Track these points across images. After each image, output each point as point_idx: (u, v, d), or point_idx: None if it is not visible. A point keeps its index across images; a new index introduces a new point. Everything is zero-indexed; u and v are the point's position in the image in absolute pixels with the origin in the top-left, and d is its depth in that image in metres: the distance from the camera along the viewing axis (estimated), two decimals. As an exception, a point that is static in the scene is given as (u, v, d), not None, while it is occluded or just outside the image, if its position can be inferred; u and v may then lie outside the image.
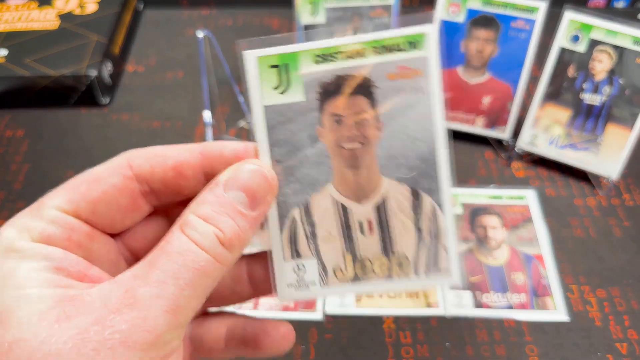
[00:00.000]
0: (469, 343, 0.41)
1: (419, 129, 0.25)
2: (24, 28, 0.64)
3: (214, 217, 0.21)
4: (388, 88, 0.24)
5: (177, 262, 0.20)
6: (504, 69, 0.52)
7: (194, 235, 0.20)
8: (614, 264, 0.47)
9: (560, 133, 0.51)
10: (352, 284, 0.26)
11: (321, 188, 0.25)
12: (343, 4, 0.46)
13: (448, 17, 0.51)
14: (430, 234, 0.25)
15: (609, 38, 0.47)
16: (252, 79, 0.24)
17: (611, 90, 0.48)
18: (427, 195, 0.25)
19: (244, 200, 0.22)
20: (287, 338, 0.26)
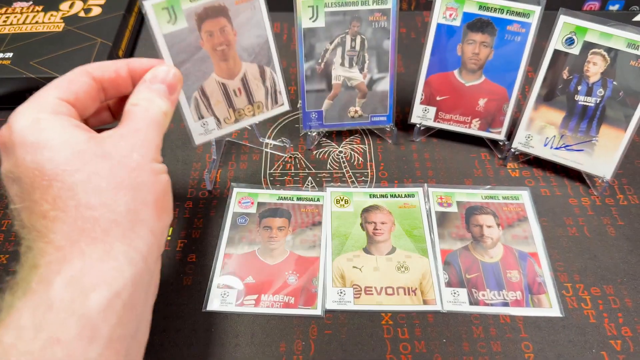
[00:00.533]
0: (465, 339, 0.42)
1: (257, 29, 0.47)
2: (29, 30, 0.65)
3: (151, 98, 0.35)
4: (236, 10, 0.45)
5: (146, 119, 0.34)
6: (500, 72, 0.53)
7: (147, 106, 0.34)
8: (608, 262, 0.47)
9: (555, 134, 0.52)
10: (235, 124, 0.50)
11: (208, 77, 0.46)
12: (343, 8, 0.47)
13: (445, 21, 0.52)
14: (271, 87, 0.50)
15: (603, 41, 0.48)
16: (152, 19, 0.41)
17: (605, 92, 0.49)
18: (266, 67, 0.49)
19: (164, 89, 0.36)
20: None
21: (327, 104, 0.51)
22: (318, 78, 0.50)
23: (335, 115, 0.52)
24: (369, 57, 0.50)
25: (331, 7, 0.46)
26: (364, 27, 0.48)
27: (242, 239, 0.49)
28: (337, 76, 0.50)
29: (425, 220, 0.50)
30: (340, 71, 0.50)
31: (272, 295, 0.45)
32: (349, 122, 0.53)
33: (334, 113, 0.52)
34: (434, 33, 0.53)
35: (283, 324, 0.43)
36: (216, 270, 0.47)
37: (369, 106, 0.52)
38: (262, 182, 0.54)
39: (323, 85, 0.51)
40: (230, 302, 0.44)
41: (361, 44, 0.49)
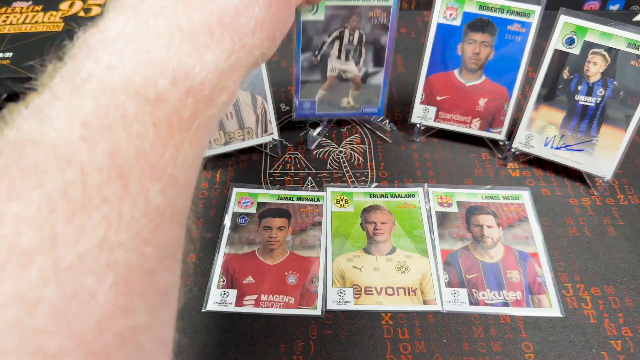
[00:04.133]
0: (465, 339, 0.42)
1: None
2: (28, 30, 0.65)
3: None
4: None
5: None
6: (500, 72, 0.53)
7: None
8: (608, 262, 0.47)
9: (555, 134, 0.52)
10: (223, 146, 0.53)
11: None
12: (343, 2, 0.47)
13: (445, 21, 0.52)
14: (262, 115, 0.54)
15: (604, 40, 0.48)
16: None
17: (605, 92, 0.49)
18: (258, 95, 0.53)
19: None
20: None
21: (321, 94, 0.52)
22: (314, 69, 0.51)
23: (328, 105, 0.53)
24: (366, 51, 0.50)
25: (333, 1, 0.47)
26: (363, 23, 0.49)
27: (242, 239, 0.49)
28: (332, 68, 0.51)
29: (426, 220, 0.50)
30: (336, 63, 0.51)
31: (272, 295, 0.45)
32: (340, 112, 0.54)
33: (327, 103, 0.53)
34: (434, 33, 0.52)
35: (283, 324, 0.43)
36: (216, 270, 0.46)
37: (362, 98, 0.53)
38: (262, 182, 0.54)
39: (318, 76, 0.51)
40: (230, 302, 0.44)
41: (359, 39, 0.50)
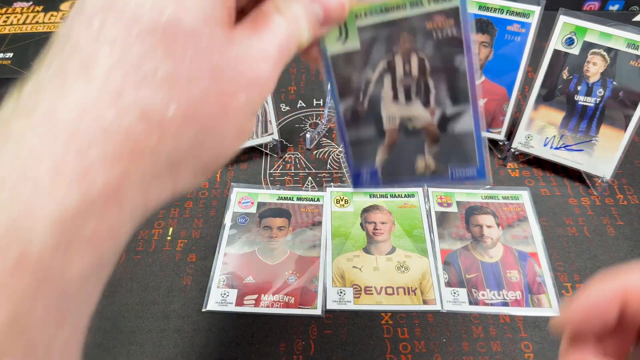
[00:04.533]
0: (465, 339, 0.42)
1: None
2: (29, 31, 0.65)
3: (302, 20, 0.25)
4: None
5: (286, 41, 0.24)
6: (500, 72, 0.53)
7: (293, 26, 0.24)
8: (607, 262, 0.47)
9: (555, 134, 0.52)
10: None
11: None
12: (383, 16, 0.31)
13: (445, 21, 0.52)
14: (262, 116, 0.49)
15: (603, 41, 0.48)
16: None
17: (605, 92, 0.49)
18: None
19: (320, 15, 0.26)
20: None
21: (383, 157, 0.34)
22: (363, 122, 0.33)
23: (395, 172, 0.34)
24: (435, 83, 0.32)
25: (366, 18, 0.30)
26: (422, 41, 0.31)
27: (242, 239, 0.49)
28: (389, 117, 0.33)
29: (425, 220, 0.50)
30: (393, 109, 0.33)
31: (272, 295, 0.45)
32: (418, 179, 0.35)
33: (395, 168, 0.34)
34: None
35: (283, 324, 0.43)
36: (216, 270, 0.47)
37: (445, 155, 0.34)
38: (262, 182, 0.54)
39: (371, 131, 0.33)
40: (230, 302, 0.44)
41: (420, 67, 0.32)
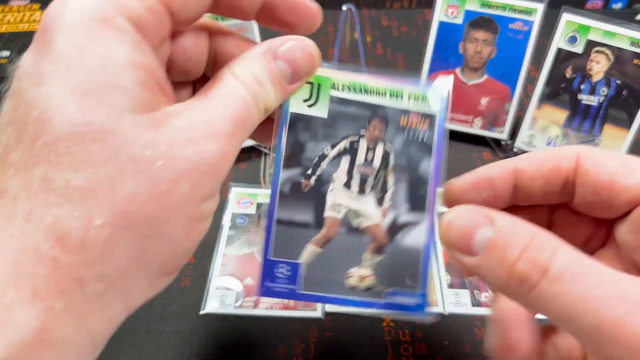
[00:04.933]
0: (467, 341, 0.42)
1: None
2: (26, 29, 0.65)
3: (263, 81, 0.22)
4: None
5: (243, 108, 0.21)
6: (502, 70, 0.52)
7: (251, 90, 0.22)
8: (611, 263, 0.47)
9: (558, 133, 0.52)
10: None
11: None
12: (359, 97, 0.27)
13: (446, 19, 0.51)
14: None
15: (607, 39, 0.47)
16: None
17: (608, 91, 0.49)
18: None
19: (288, 75, 0.23)
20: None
21: (312, 252, 0.27)
22: (301, 200, 0.27)
23: (322, 277, 0.27)
24: (395, 182, 0.28)
25: (342, 91, 0.27)
26: (392, 133, 0.28)
27: (241, 240, 0.48)
28: (335, 205, 0.28)
29: (427, 221, 0.50)
30: (342, 197, 0.28)
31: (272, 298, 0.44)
32: (345, 296, 0.27)
33: (321, 273, 0.27)
34: (435, 31, 0.52)
35: (283, 326, 0.43)
36: (215, 272, 0.46)
37: (386, 271, 0.28)
38: (261, 182, 0.54)
39: (308, 214, 0.28)
40: (229, 303, 0.44)
41: (383, 159, 0.28)
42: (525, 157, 0.24)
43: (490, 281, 0.21)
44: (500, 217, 0.21)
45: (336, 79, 0.27)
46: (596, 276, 0.18)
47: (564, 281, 0.18)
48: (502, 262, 0.20)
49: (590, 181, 0.22)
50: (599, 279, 0.18)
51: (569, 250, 0.19)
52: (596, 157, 0.23)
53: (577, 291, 0.18)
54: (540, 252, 0.19)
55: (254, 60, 0.22)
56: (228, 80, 0.21)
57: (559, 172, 0.23)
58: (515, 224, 0.20)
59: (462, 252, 0.21)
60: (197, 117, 0.20)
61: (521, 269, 0.19)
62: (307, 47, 0.23)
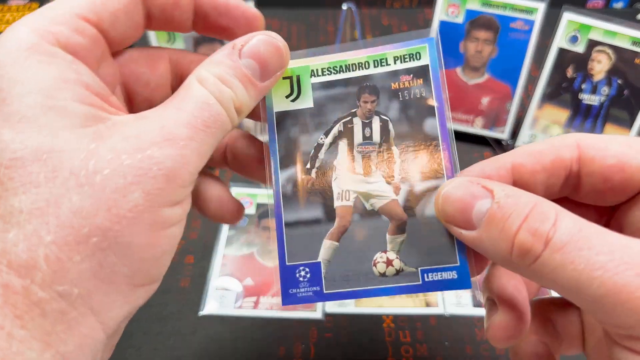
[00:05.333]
0: (468, 342, 0.42)
1: None
2: (25, 29, 0.64)
3: (229, 80, 0.21)
4: None
5: (205, 110, 0.20)
6: (503, 70, 0.52)
7: (214, 91, 0.21)
8: (612, 263, 0.47)
9: (559, 133, 0.52)
10: None
11: None
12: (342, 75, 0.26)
13: (447, 18, 0.51)
14: None
15: (608, 38, 0.47)
16: (152, 37, 0.40)
17: (610, 90, 0.49)
18: None
19: (257, 71, 0.22)
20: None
21: (330, 247, 0.25)
22: (307, 197, 0.26)
23: (346, 271, 0.25)
24: (401, 152, 0.26)
25: (322, 75, 0.26)
26: (385, 102, 0.26)
27: (240, 240, 0.48)
28: (343, 193, 0.26)
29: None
30: (348, 182, 0.26)
31: (272, 297, 0.44)
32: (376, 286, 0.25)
33: (345, 267, 0.25)
34: (436, 30, 0.52)
35: (282, 327, 0.42)
36: (214, 272, 0.46)
37: (413, 249, 0.25)
38: (267, 181, 0.53)
39: (317, 210, 0.26)
40: (229, 304, 0.43)
41: (382, 131, 0.26)
42: (522, 150, 0.23)
43: (492, 255, 0.20)
44: (498, 187, 0.20)
45: (314, 65, 0.26)
46: (601, 242, 0.17)
47: (568, 250, 0.18)
48: (502, 233, 0.19)
49: (598, 168, 0.21)
50: (604, 245, 0.17)
51: (571, 217, 0.19)
52: (597, 142, 0.22)
53: (581, 260, 0.17)
54: (542, 221, 0.18)
55: (219, 61, 0.22)
56: (191, 85, 0.21)
57: (561, 163, 0.22)
58: (515, 193, 0.20)
59: (461, 226, 0.21)
60: (149, 124, 0.19)
61: (523, 239, 0.18)
62: (272, 41, 0.23)
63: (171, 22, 0.24)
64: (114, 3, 0.21)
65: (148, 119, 0.20)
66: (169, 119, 0.20)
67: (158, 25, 0.24)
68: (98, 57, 0.21)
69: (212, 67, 0.22)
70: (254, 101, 0.23)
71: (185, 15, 0.24)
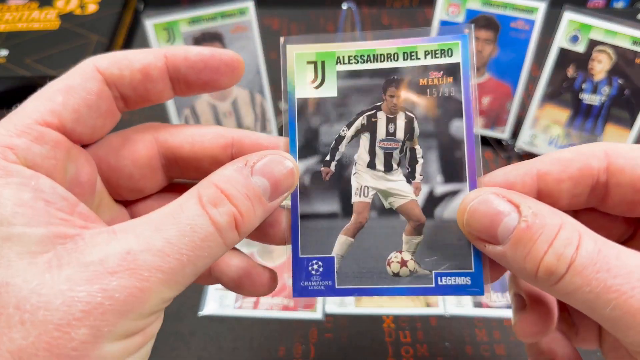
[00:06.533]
0: (468, 342, 0.41)
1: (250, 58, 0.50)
2: (24, 28, 0.64)
3: (237, 197, 0.20)
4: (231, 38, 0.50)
5: (186, 236, 0.19)
6: (504, 69, 0.52)
7: (212, 211, 0.19)
8: (613, 263, 0.47)
9: (560, 133, 0.51)
10: None
11: (200, 97, 0.50)
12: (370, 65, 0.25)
13: (447, 18, 0.51)
14: (260, 114, 0.52)
15: (608, 38, 0.47)
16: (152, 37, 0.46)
17: (610, 90, 0.49)
18: (257, 94, 0.51)
19: (267, 190, 0.22)
20: (268, 285, 0.26)
21: (344, 243, 0.25)
22: (325, 190, 0.25)
23: (359, 268, 0.25)
24: (424, 152, 0.25)
25: (348, 63, 0.25)
26: (411, 98, 0.25)
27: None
28: (361, 188, 0.25)
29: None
30: (368, 179, 0.25)
31: (271, 297, 0.44)
32: (389, 285, 0.25)
33: (358, 264, 0.25)
34: (436, 30, 0.52)
35: (282, 327, 0.42)
36: (214, 272, 0.46)
37: (429, 252, 0.25)
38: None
39: (334, 203, 0.25)
40: (229, 304, 0.43)
41: (406, 128, 0.25)
42: (548, 157, 0.22)
43: (515, 270, 0.21)
44: (525, 202, 0.20)
45: (340, 51, 0.24)
46: (618, 265, 0.18)
47: (587, 273, 0.18)
48: (530, 255, 0.19)
49: (628, 178, 0.21)
50: (622, 267, 0.18)
51: (593, 238, 0.19)
52: (627, 151, 0.21)
53: (599, 282, 0.18)
54: (567, 245, 0.19)
55: (229, 177, 0.21)
56: (187, 201, 0.20)
57: (589, 172, 0.21)
58: (541, 211, 0.20)
59: (486, 240, 0.21)
60: (116, 247, 0.18)
61: (549, 262, 0.19)
62: (285, 162, 0.22)
63: (148, 97, 0.23)
64: (75, 100, 0.20)
65: (119, 239, 0.18)
66: (141, 241, 0.18)
67: (136, 104, 0.23)
68: (63, 161, 0.20)
69: (220, 182, 0.20)
70: (259, 220, 0.22)
71: (161, 85, 0.22)
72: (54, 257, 0.18)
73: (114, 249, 0.18)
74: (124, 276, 0.17)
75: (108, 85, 0.22)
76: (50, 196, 0.19)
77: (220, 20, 0.48)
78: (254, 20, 0.49)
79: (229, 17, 0.48)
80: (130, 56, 0.22)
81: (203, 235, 0.19)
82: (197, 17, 0.47)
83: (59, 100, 0.20)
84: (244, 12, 0.48)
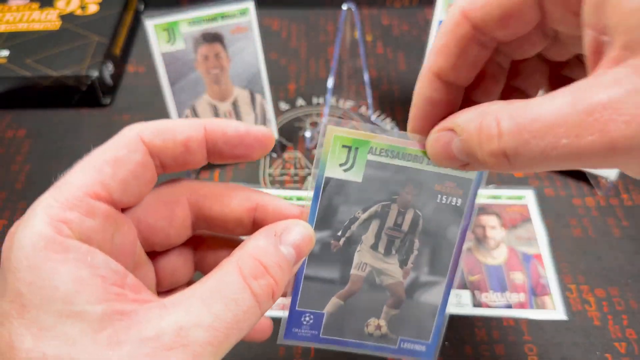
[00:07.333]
0: (467, 342, 0.42)
1: (250, 59, 0.50)
2: (25, 29, 0.64)
3: (273, 268, 0.22)
4: (231, 38, 0.49)
5: (231, 310, 0.20)
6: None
7: (253, 284, 0.21)
8: (612, 263, 0.47)
9: (559, 133, 0.52)
10: None
11: (200, 97, 0.50)
12: (396, 161, 0.27)
13: (447, 18, 0.51)
14: (260, 115, 0.52)
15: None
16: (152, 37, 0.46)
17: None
18: (257, 94, 0.51)
19: (293, 258, 0.24)
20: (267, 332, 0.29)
21: (335, 304, 0.30)
22: (330, 260, 0.29)
23: (342, 325, 0.30)
24: (420, 246, 0.30)
25: (379, 155, 0.27)
26: (424, 198, 0.28)
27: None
28: (361, 264, 0.30)
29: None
30: (368, 257, 0.29)
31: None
32: (361, 341, 0.31)
33: (342, 321, 0.30)
34: (436, 30, 0.52)
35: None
36: (215, 272, 0.46)
37: (400, 322, 0.31)
38: (261, 183, 0.53)
39: (335, 272, 0.29)
40: (229, 304, 0.44)
41: (412, 223, 0.29)
42: None
43: (491, 168, 0.22)
44: (452, 123, 0.22)
45: (375, 142, 0.26)
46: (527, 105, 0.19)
47: (520, 120, 0.18)
48: (478, 157, 0.21)
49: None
50: (534, 106, 0.18)
51: (507, 113, 0.19)
52: None
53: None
54: (490, 129, 0.19)
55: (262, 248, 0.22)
56: (229, 273, 0.21)
57: None
58: (464, 119, 0.21)
59: (456, 166, 0.23)
60: (169, 322, 0.19)
61: (489, 154, 0.20)
62: (309, 233, 0.25)
63: (185, 165, 0.24)
64: (122, 171, 0.22)
65: (170, 314, 0.19)
66: (192, 317, 0.19)
67: (172, 169, 0.24)
68: (112, 233, 0.21)
69: (259, 255, 0.22)
70: (284, 289, 0.24)
71: (199, 156, 0.24)
72: (114, 334, 0.18)
73: (167, 325, 0.19)
74: (179, 352, 0.19)
75: (151, 155, 0.23)
76: (104, 271, 0.20)
77: (220, 21, 0.48)
78: (254, 20, 0.49)
79: (229, 18, 0.48)
80: (172, 127, 0.23)
81: (246, 308, 0.21)
82: (198, 17, 0.47)
83: (108, 172, 0.21)
84: (244, 13, 0.49)
